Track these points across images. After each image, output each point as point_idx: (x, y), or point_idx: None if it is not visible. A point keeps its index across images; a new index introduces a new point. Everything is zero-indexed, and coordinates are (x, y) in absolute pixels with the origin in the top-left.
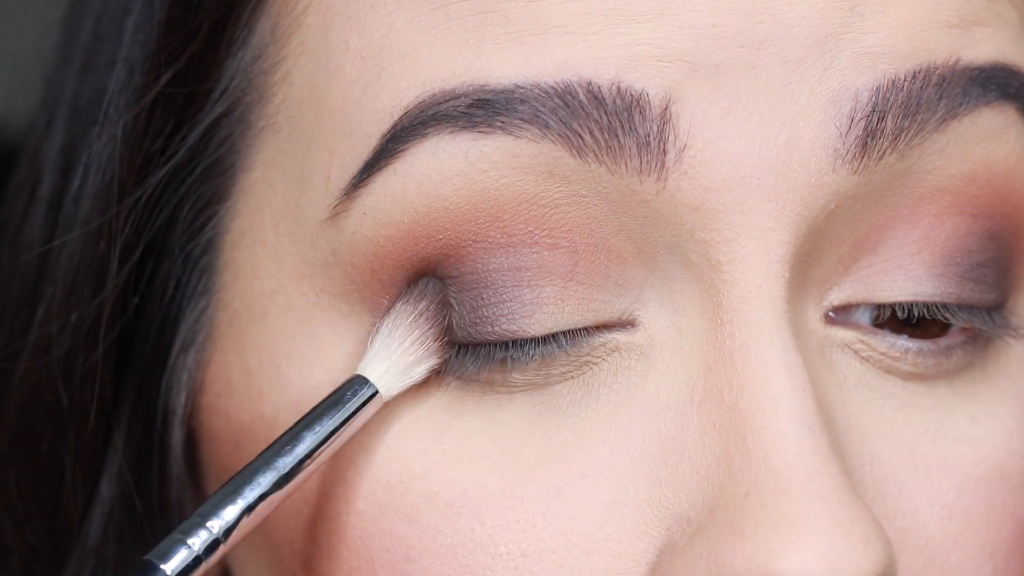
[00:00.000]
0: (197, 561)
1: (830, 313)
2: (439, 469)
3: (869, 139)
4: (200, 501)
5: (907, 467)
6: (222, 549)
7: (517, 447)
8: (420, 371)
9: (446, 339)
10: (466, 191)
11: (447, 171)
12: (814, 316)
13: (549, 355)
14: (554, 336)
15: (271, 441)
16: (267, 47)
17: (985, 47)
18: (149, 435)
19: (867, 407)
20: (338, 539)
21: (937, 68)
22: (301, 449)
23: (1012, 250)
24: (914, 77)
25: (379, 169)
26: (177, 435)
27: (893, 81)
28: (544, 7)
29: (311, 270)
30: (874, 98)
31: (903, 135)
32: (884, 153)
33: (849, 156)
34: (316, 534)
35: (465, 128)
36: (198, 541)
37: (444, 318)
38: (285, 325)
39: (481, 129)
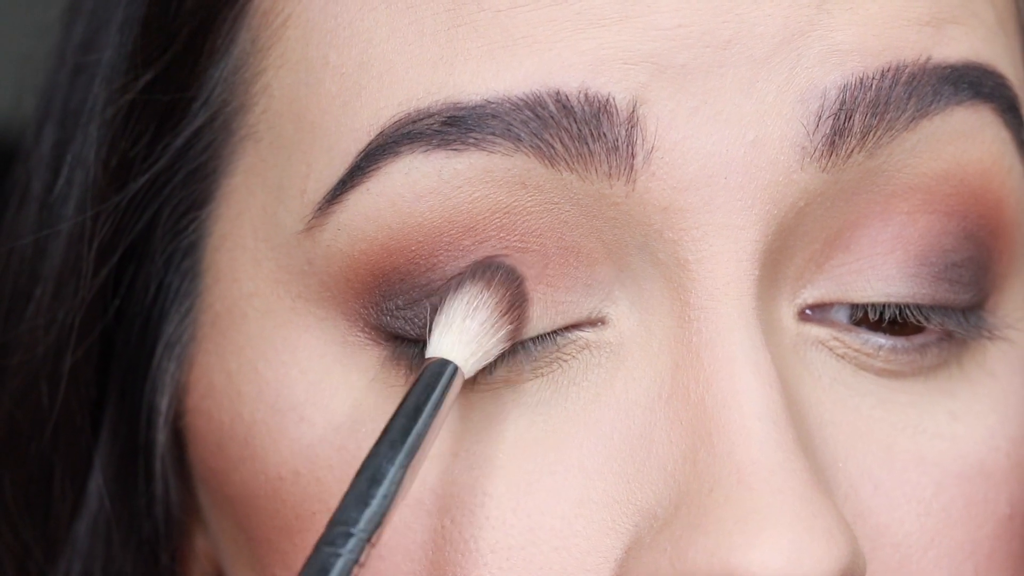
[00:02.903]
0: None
1: (807, 311)
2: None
3: (837, 137)
4: (190, 502)
5: (883, 464)
6: (368, 549)
7: (486, 445)
8: (496, 352)
9: (516, 315)
10: (440, 207)
11: (421, 190)
12: (787, 313)
13: (517, 359)
14: (522, 343)
15: (249, 442)
16: (248, 57)
17: (958, 46)
18: (134, 435)
19: (843, 404)
20: (312, 536)
21: (907, 66)
22: (409, 447)
23: (990, 250)
24: (883, 75)
25: (353, 187)
26: (162, 435)
27: (861, 79)
28: (512, 17)
29: (287, 276)
30: (842, 96)
31: (871, 133)
32: (852, 151)
33: (817, 154)
34: (291, 533)
35: (439, 146)
36: (348, 547)
37: (519, 297)
38: (263, 328)
39: (454, 147)
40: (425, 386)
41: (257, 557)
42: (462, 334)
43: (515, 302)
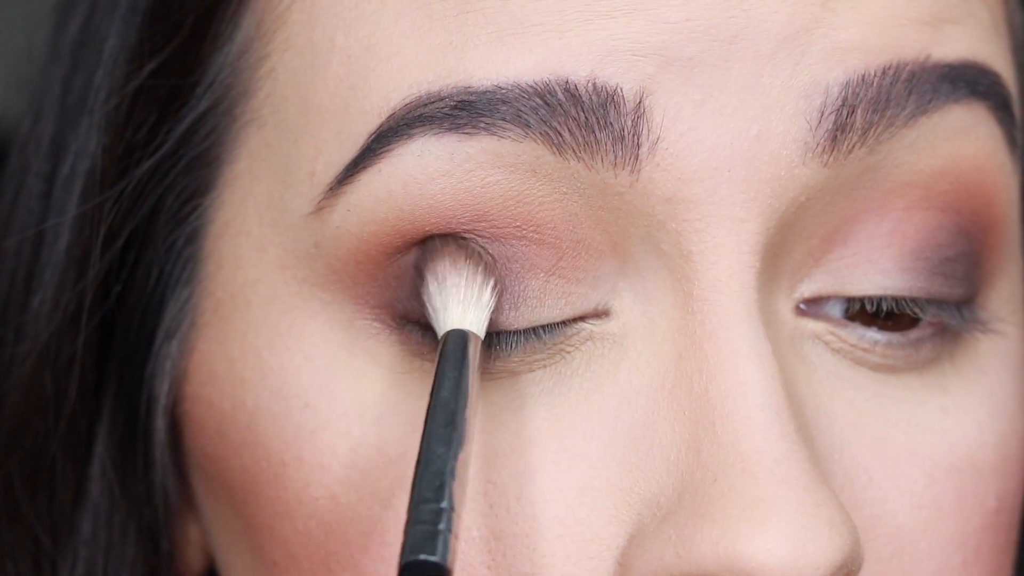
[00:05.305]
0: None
1: (801, 305)
2: (413, 455)
3: (839, 133)
4: (184, 489)
5: (877, 456)
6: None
7: (491, 435)
8: (491, 304)
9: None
10: (451, 190)
11: (433, 172)
12: (785, 307)
13: (529, 347)
14: (534, 330)
15: (252, 428)
16: (252, 42)
17: (956, 45)
18: (133, 423)
19: (838, 397)
20: (316, 524)
21: (907, 64)
22: (460, 423)
23: (981, 245)
24: (884, 73)
25: (364, 168)
26: (161, 423)
27: (863, 76)
28: (522, 6)
29: (294, 261)
30: (844, 92)
31: (872, 129)
32: (853, 147)
33: (819, 149)
34: (294, 519)
35: (450, 130)
36: (443, 521)
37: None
38: (267, 314)
39: (465, 131)
40: (455, 360)
41: (257, 544)
42: (466, 303)
43: (489, 266)
